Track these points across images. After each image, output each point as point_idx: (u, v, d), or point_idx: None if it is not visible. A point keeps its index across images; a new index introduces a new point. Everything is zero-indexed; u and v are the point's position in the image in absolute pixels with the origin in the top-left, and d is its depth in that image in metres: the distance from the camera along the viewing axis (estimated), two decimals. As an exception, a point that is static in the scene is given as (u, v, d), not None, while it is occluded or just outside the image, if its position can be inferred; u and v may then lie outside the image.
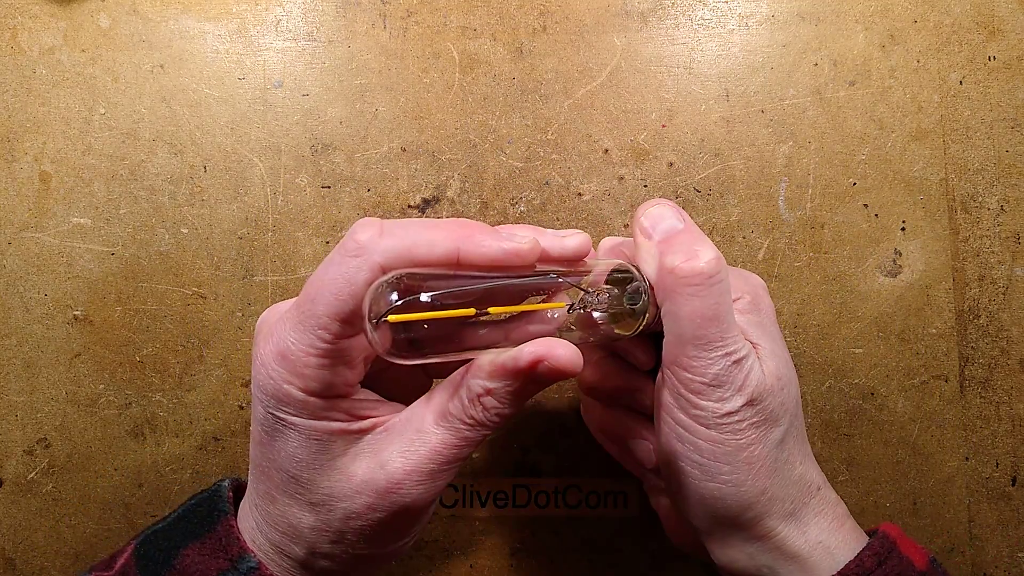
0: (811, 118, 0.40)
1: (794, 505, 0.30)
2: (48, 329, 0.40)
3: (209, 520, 0.29)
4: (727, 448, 0.28)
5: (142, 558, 0.29)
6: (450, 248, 0.26)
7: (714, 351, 0.28)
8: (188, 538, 0.28)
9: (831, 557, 0.29)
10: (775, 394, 0.29)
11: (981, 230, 0.40)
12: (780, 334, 0.31)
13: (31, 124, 0.40)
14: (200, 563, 0.28)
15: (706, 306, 0.27)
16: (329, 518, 0.27)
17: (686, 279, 0.28)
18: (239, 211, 0.40)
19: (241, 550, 0.28)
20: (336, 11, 0.41)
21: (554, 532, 0.39)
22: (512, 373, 0.27)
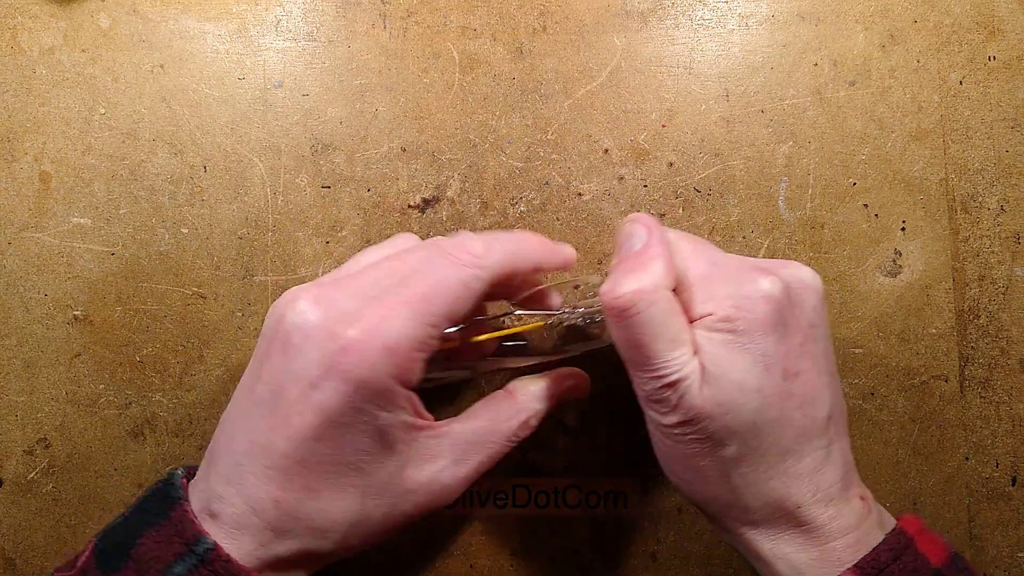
0: (811, 118, 0.40)
1: (759, 516, 0.29)
2: (48, 329, 0.40)
3: (163, 508, 0.29)
4: (674, 452, 0.30)
5: (101, 553, 0.29)
6: (537, 259, 0.32)
7: (642, 371, 0.29)
8: (143, 527, 0.28)
9: (797, 573, 0.29)
10: (714, 419, 0.28)
11: (981, 230, 0.40)
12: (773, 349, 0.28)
13: (31, 124, 0.40)
14: (156, 550, 0.27)
15: (628, 335, 0.29)
16: (375, 511, 0.29)
17: (608, 309, 0.29)
18: (239, 211, 0.40)
19: (196, 533, 0.27)
20: (336, 11, 0.41)
21: (554, 532, 0.39)
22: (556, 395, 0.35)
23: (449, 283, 0.28)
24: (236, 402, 0.31)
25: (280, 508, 0.28)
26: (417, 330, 0.28)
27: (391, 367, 0.27)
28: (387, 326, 0.27)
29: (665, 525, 0.39)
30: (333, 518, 0.28)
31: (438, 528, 0.40)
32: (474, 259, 0.29)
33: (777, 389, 0.28)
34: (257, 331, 0.40)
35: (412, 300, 0.28)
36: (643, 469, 0.40)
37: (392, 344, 0.27)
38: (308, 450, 0.27)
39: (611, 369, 0.40)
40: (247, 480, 0.28)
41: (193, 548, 0.27)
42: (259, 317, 0.40)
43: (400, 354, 0.27)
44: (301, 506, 0.28)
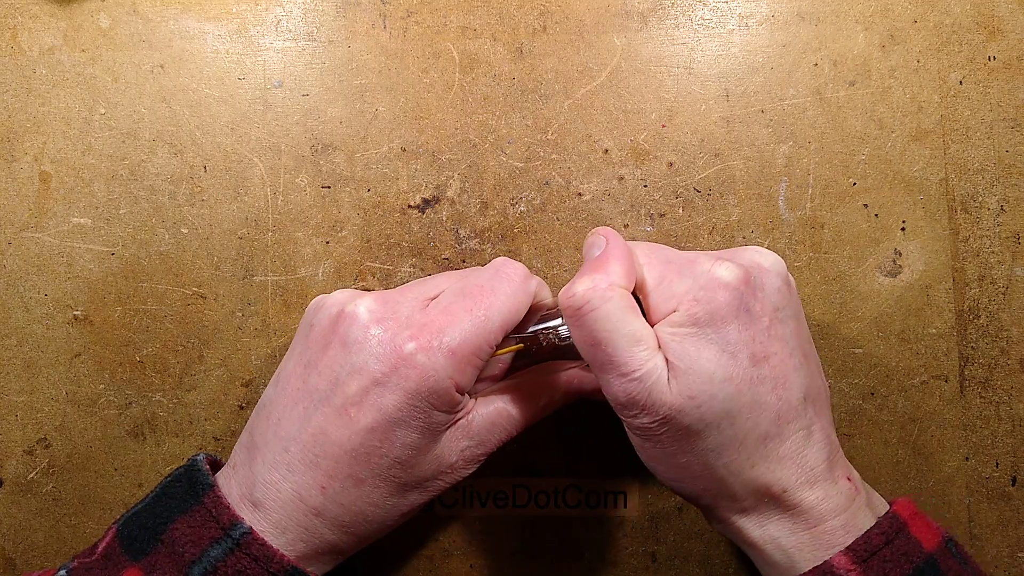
0: (811, 118, 0.40)
1: (748, 503, 0.29)
2: (48, 329, 0.40)
3: (193, 492, 0.29)
4: (656, 453, 0.30)
5: (126, 538, 0.29)
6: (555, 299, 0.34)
7: (607, 373, 0.29)
8: (174, 513, 0.29)
9: (787, 558, 0.29)
10: (687, 413, 0.28)
11: (981, 230, 0.40)
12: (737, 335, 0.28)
13: (31, 124, 0.40)
14: (191, 534, 0.28)
15: (585, 334, 0.29)
16: (404, 503, 0.30)
17: (564, 310, 0.29)
18: (239, 211, 0.40)
19: (232, 518, 0.28)
20: (336, 11, 0.41)
21: (554, 532, 0.39)
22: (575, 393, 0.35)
23: (504, 296, 0.31)
24: (283, 388, 0.31)
25: (325, 494, 0.29)
26: (478, 337, 0.30)
27: (452, 371, 0.29)
28: (452, 331, 0.30)
29: (665, 525, 0.39)
30: (374, 503, 0.30)
31: (438, 528, 0.40)
32: (521, 278, 0.32)
33: (747, 375, 0.28)
34: (257, 331, 0.40)
35: (474, 310, 0.30)
36: (643, 469, 0.39)
37: (455, 348, 0.29)
38: (361, 442, 0.29)
39: (611, 369, 0.40)
40: (295, 466, 0.29)
41: (229, 532, 0.28)
42: (259, 317, 0.40)
43: (461, 359, 0.29)
44: (345, 493, 0.29)
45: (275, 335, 0.40)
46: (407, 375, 0.29)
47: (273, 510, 0.29)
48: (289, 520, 0.29)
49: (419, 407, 0.29)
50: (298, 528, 0.29)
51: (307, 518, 0.29)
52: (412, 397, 0.29)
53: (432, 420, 0.29)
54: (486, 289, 0.31)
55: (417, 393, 0.29)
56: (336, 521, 0.29)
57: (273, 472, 0.29)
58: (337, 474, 0.29)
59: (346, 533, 0.30)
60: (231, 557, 0.27)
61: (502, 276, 0.32)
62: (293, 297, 0.40)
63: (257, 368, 0.40)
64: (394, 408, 0.29)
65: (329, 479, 0.29)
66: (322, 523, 0.29)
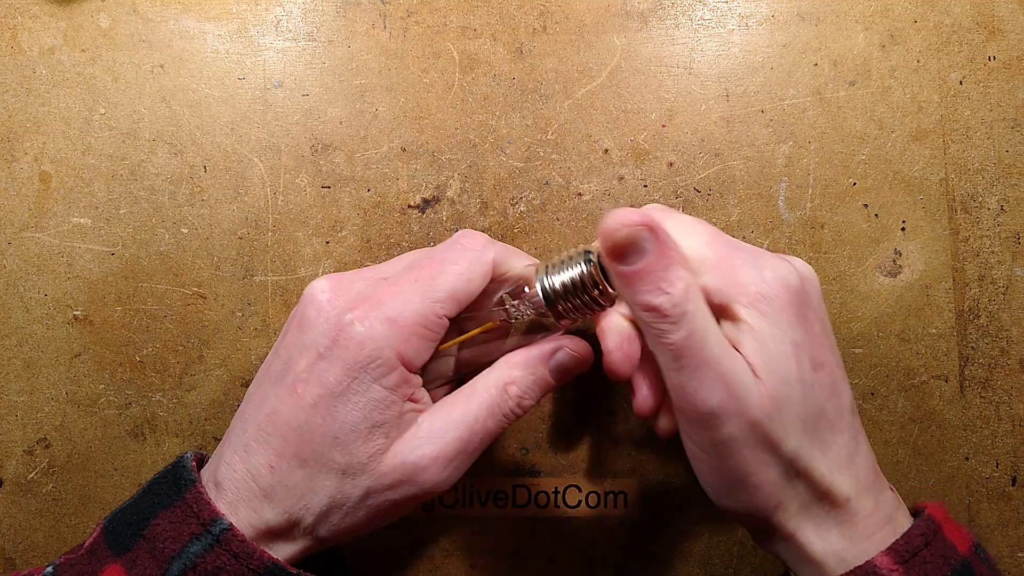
0: (811, 118, 0.40)
1: (813, 513, 0.28)
2: (48, 329, 0.40)
3: (176, 489, 0.29)
4: (732, 475, 0.28)
5: (110, 534, 0.29)
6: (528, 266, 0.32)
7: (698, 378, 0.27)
8: (156, 508, 0.29)
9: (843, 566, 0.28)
10: (772, 417, 0.27)
11: (981, 230, 0.40)
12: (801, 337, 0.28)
13: (31, 124, 0.40)
14: (171, 529, 0.28)
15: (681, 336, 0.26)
16: (351, 491, 0.29)
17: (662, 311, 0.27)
18: (239, 211, 0.40)
19: (213, 514, 0.28)
20: (336, 11, 0.41)
21: (554, 532, 0.39)
22: (538, 360, 0.31)
23: (451, 262, 0.30)
24: (256, 378, 0.32)
25: (273, 474, 0.29)
26: (421, 306, 0.29)
27: (392, 339, 0.28)
28: (392, 301, 0.29)
29: (665, 525, 0.39)
30: (314, 489, 0.28)
31: (438, 528, 0.40)
32: (476, 247, 0.31)
33: (811, 379, 0.28)
34: (257, 331, 0.40)
35: (419, 279, 0.29)
36: (643, 469, 0.40)
37: (394, 316, 0.28)
38: (306, 419, 0.28)
39: (611, 369, 0.40)
40: (251, 446, 0.29)
41: (209, 528, 0.28)
42: (259, 317, 0.40)
43: (403, 327, 0.28)
44: (291, 474, 0.28)
45: (275, 335, 0.40)
46: (346, 346, 0.28)
47: (229, 490, 0.29)
48: (240, 500, 0.29)
49: (359, 379, 0.28)
50: (248, 510, 0.29)
51: (257, 500, 0.29)
52: (351, 368, 0.28)
53: (372, 396, 0.28)
54: (436, 260, 0.30)
55: (355, 363, 0.28)
56: (282, 506, 0.29)
57: (233, 454, 0.29)
58: (284, 453, 0.29)
59: (306, 512, 0.29)
60: (210, 553, 0.27)
61: (456, 246, 0.31)
62: (293, 297, 0.40)
63: (257, 368, 0.40)
64: (335, 382, 0.28)
65: (278, 458, 0.29)
66: (270, 507, 0.29)
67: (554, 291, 0.30)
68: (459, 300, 0.30)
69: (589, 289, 0.29)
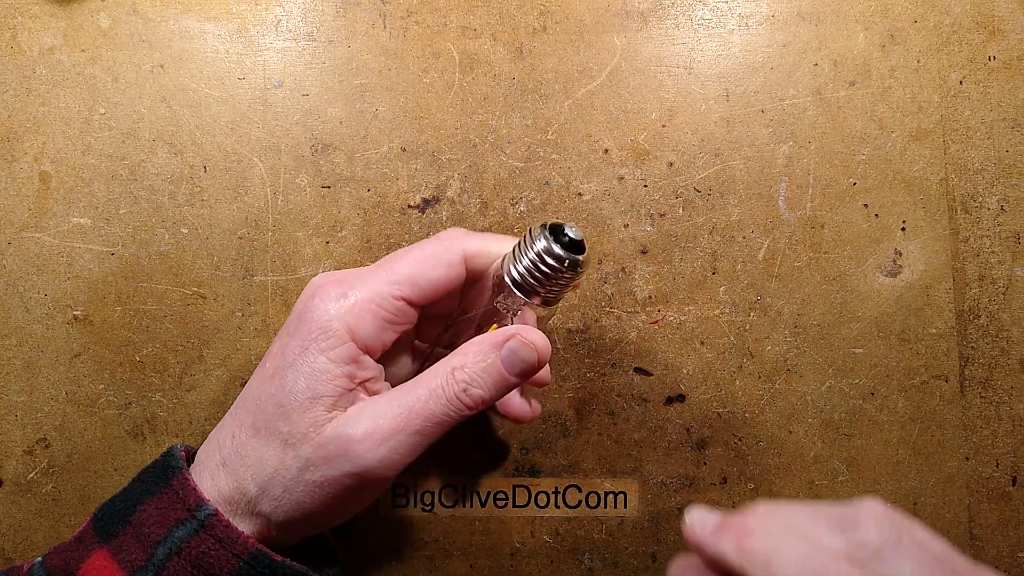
0: (811, 118, 0.40)
1: None
2: (48, 329, 0.40)
3: (164, 477, 0.30)
4: None
5: (99, 521, 0.29)
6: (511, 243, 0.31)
7: None
8: (144, 496, 0.29)
9: None
10: None
11: (981, 230, 0.40)
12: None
13: (31, 124, 0.40)
14: (157, 515, 0.28)
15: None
16: (291, 462, 0.29)
17: None
18: (239, 211, 0.40)
19: (198, 500, 0.29)
20: (336, 11, 0.41)
21: (554, 532, 0.39)
22: (489, 347, 0.30)
23: (417, 250, 0.31)
24: None
25: (234, 442, 0.30)
26: (377, 285, 0.30)
27: (343, 313, 0.29)
28: (352, 282, 0.30)
29: (665, 525, 0.39)
30: (262, 459, 0.29)
31: (438, 528, 0.40)
32: (450, 238, 0.31)
33: None
34: (257, 331, 0.40)
35: (383, 265, 0.31)
36: (643, 469, 0.40)
37: (350, 294, 0.30)
38: (263, 388, 0.30)
39: (610, 368, 0.40)
40: (225, 420, 0.31)
41: (194, 513, 0.28)
42: (259, 317, 0.40)
43: (355, 303, 0.29)
44: (247, 443, 0.30)
45: (275, 335, 0.40)
46: (305, 319, 0.30)
47: (200, 462, 0.30)
48: (204, 469, 0.30)
49: (309, 349, 0.29)
50: (209, 478, 0.29)
51: (216, 468, 0.30)
52: (304, 339, 0.29)
53: (318, 366, 0.29)
54: (404, 250, 0.31)
55: (308, 335, 0.29)
56: (234, 474, 0.29)
57: (213, 431, 0.31)
58: (244, 423, 0.30)
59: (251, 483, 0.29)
60: (195, 538, 0.28)
61: (430, 238, 0.32)
62: (293, 297, 0.40)
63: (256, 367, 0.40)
64: (291, 352, 0.29)
65: (238, 427, 0.30)
66: (224, 475, 0.29)
67: (522, 277, 0.30)
68: (420, 285, 0.30)
69: (548, 262, 0.29)
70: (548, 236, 0.29)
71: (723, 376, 0.40)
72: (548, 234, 0.29)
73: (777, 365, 0.40)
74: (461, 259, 0.31)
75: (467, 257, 0.31)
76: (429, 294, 0.31)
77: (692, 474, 0.39)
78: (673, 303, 0.40)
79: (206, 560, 0.28)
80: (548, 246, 0.29)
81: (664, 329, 0.40)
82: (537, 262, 0.29)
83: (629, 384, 0.40)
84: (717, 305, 0.40)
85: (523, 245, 0.30)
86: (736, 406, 0.40)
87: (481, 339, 0.30)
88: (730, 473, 0.39)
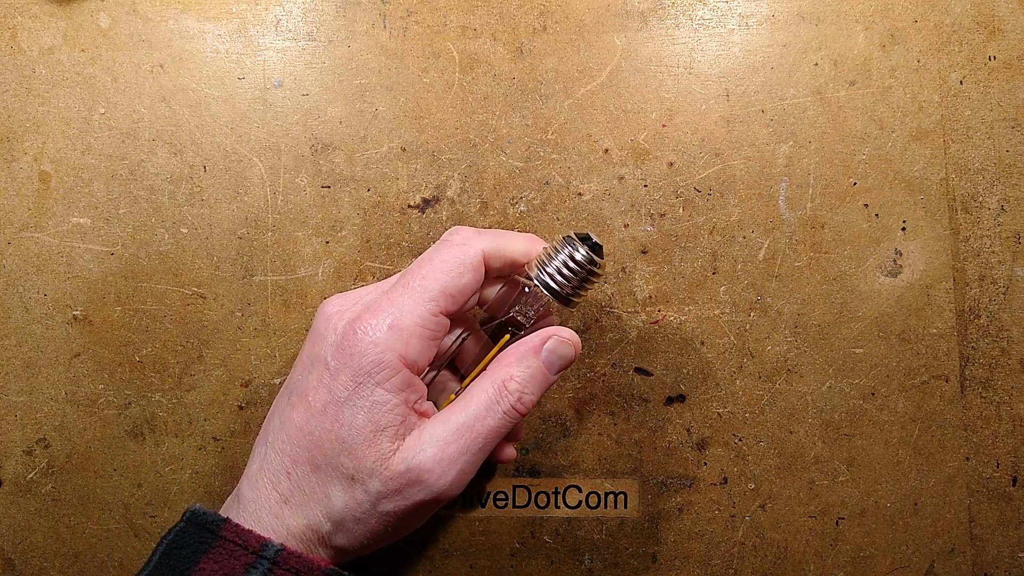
0: (811, 118, 0.40)
1: None
2: (48, 329, 0.40)
3: (208, 532, 0.29)
4: None
5: None
6: (526, 248, 0.33)
7: None
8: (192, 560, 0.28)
9: None
10: None
11: (981, 230, 0.40)
12: None
13: (31, 124, 0.40)
14: (219, 569, 0.28)
15: None
16: (362, 496, 0.29)
17: None
18: (239, 211, 0.40)
19: (260, 540, 0.28)
20: (336, 11, 0.41)
21: (554, 532, 0.39)
22: (529, 352, 0.32)
23: (440, 260, 0.31)
24: (276, 398, 0.33)
25: (291, 479, 0.29)
26: (417, 307, 0.30)
27: (394, 343, 0.29)
28: (390, 308, 0.30)
29: (665, 525, 0.39)
30: (328, 495, 0.29)
31: (438, 528, 0.40)
32: (463, 240, 0.32)
33: None
34: (257, 331, 0.40)
35: (411, 283, 0.30)
36: (643, 469, 0.39)
37: (394, 323, 0.29)
38: (316, 424, 0.29)
39: (610, 368, 0.40)
40: (269, 456, 0.30)
41: (262, 554, 0.28)
42: (259, 317, 0.40)
43: (402, 330, 0.29)
44: (306, 479, 0.29)
45: (275, 335, 0.40)
46: (351, 353, 0.29)
47: (251, 500, 0.30)
48: (262, 508, 0.29)
49: (364, 384, 0.29)
50: (271, 517, 0.29)
51: (277, 506, 0.29)
52: (356, 374, 0.29)
53: (376, 399, 0.29)
54: (424, 261, 0.31)
55: (360, 369, 0.29)
56: (301, 511, 0.29)
57: (253, 465, 0.31)
58: (299, 459, 0.30)
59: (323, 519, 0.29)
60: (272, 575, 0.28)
61: (445, 244, 0.32)
62: (293, 297, 0.40)
63: (257, 368, 0.40)
64: (342, 388, 0.29)
65: (293, 464, 0.30)
66: (290, 512, 0.29)
67: (554, 280, 0.32)
68: (452, 296, 0.31)
69: (586, 265, 0.32)
70: (576, 240, 0.32)
71: (723, 376, 0.40)
72: (576, 238, 0.32)
73: (777, 365, 0.40)
74: (481, 260, 0.31)
75: (485, 256, 0.32)
76: (462, 302, 0.31)
77: (692, 474, 0.39)
78: (673, 303, 0.40)
79: None
80: (577, 248, 0.32)
81: (664, 329, 0.40)
82: (576, 264, 0.32)
83: (629, 384, 0.40)
84: (717, 305, 0.40)
85: (552, 254, 0.32)
86: (736, 406, 0.39)
87: (517, 348, 0.32)
88: (730, 473, 0.39)
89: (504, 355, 0.32)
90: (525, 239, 0.33)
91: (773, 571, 0.39)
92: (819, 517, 0.39)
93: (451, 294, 0.30)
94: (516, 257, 0.33)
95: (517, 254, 0.33)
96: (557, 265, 0.32)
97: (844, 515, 0.39)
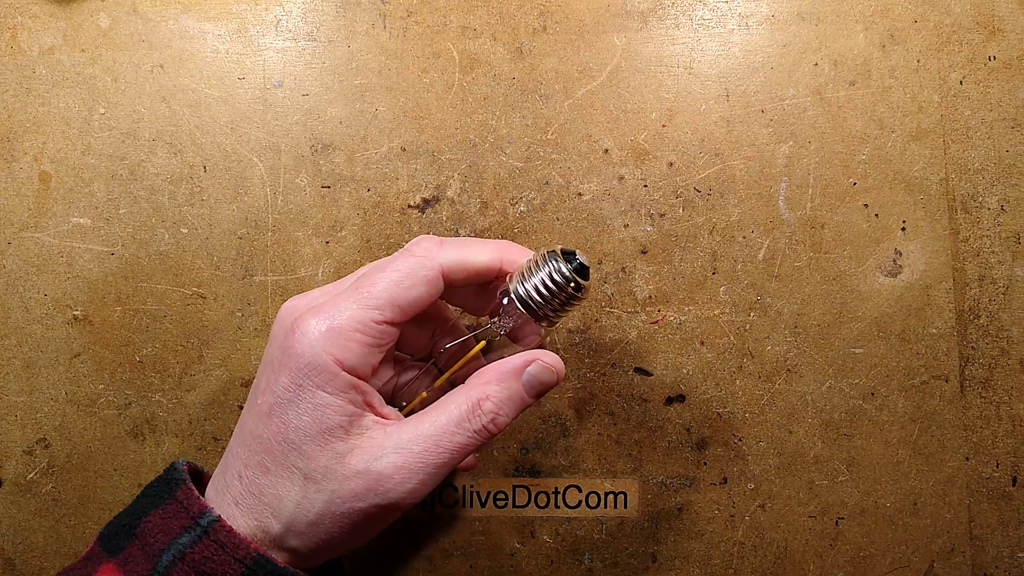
0: (811, 118, 0.40)
1: None
2: (48, 329, 0.40)
3: (168, 490, 0.30)
4: None
5: (105, 538, 0.30)
6: (491, 259, 0.31)
7: None
8: (148, 508, 0.30)
9: None
10: None
11: (981, 230, 0.40)
12: None
13: (31, 124, 0.40)
14: (162, 525, 0.29)
15: None
16: (316, 496, 0.29)
17: None
18: (239, 211, 0.40)
19: (202, 507, 0.29)
20: (336, 11, 0.41)
21: (554, 532, 0.39)
22: (511, 374, 0.31)
23: (392, 270, 0.30)
24: None
25: (242, 482, 0.30)
26: (358, 312, 0.29)
27: (331, 346, 0.29)
28: (331, 310, 0.29)
29: (665, 525, 0.39)
30: (280, 496, 0.29)
31: (438, 528, 0.40)
32: (423, 252, 0.31)
33: None
34: (256, 331, 0.40)
35: (360, 288, 0.30)
36: (643, 469, 0.40)
37: (333, 325, 0.29)
38: (264, 427, 0.29)
39: (610, 368, 0.40)
40: (227, 460, 0.31)
41: (198, 520, 0.29)
42: (259, 317, 0.40)
43: (339, 333, 0.29)
44: (257, 480, 0.29)
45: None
46: (290, 354, 0.29)
47: (210, 498, 0.30)
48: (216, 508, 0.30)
49: (304, 385, 0.29)
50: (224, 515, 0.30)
51: (230, 508, 0.30)
52: (296, 375, 0.29)
53: (318, 400, 0.29)
54: (380, 267, 0.31)
55: (299, 371, 0.29)
56: (251, 513, 0.29)
57: (217, 470, 0.31)
58: (250, 462, 0.30)
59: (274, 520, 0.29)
60: (199, 544, 0.28)
61: (405, 253, 0.31)
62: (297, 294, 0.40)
63: (256, 368, 0.40)
64: (283, 389, 0.29)
65: (244, 467, 0.30)
66: (241, 515, 0.30)
67: (530, 297, 0.30)
68: (400, 307, 0.30)
69: (564, 286, 0.30)
70: (560, 257, 0.30)
71: (723, 376, 0.40)
72: (560, 255, 0.30)
73: (777, 365, 0.40)
74: (438, 274, 0.31)
75: (444, 270, 0.31)
76: (410, 313, 0.30)
77: (692, 474, 0.39)
78: (673, 303, 0.40)
79: (208, 565, 0.28)
80: (559, 266, 0.30)
81: (664, 329, 0.40)
82: (554, 283, 0.30)
83: (629, 384, 0.40)
84: (717, 305, 0.40)
85: (532, 269, 0.31)
86: (736, 406, 0.40)
87: (499, 367, 0.31)
88: (730, 473, 0.39)
89: (484, 371, 0.31)
90: (492, 248, 0.32)
91: (773, 571, 0.39)
92: (819, 517, 0.39)
93: (399, 305, 0.30)
94: (480, 269, 0.31)
95: (481, 265, 0.31)
96: (535, 283, 0.30)
97: (844, 515, 0.39)
